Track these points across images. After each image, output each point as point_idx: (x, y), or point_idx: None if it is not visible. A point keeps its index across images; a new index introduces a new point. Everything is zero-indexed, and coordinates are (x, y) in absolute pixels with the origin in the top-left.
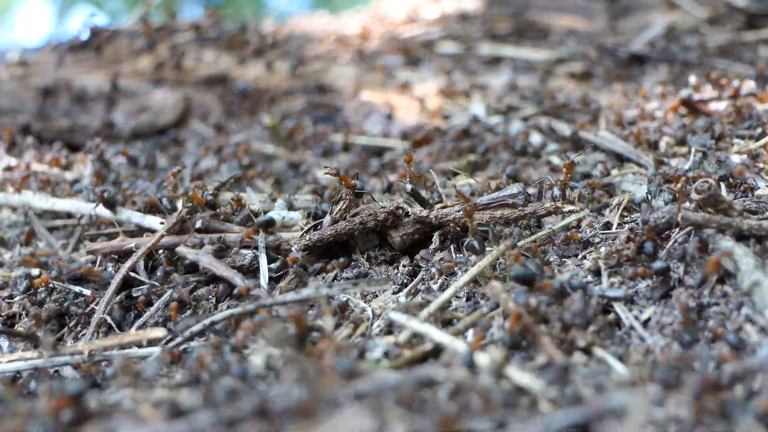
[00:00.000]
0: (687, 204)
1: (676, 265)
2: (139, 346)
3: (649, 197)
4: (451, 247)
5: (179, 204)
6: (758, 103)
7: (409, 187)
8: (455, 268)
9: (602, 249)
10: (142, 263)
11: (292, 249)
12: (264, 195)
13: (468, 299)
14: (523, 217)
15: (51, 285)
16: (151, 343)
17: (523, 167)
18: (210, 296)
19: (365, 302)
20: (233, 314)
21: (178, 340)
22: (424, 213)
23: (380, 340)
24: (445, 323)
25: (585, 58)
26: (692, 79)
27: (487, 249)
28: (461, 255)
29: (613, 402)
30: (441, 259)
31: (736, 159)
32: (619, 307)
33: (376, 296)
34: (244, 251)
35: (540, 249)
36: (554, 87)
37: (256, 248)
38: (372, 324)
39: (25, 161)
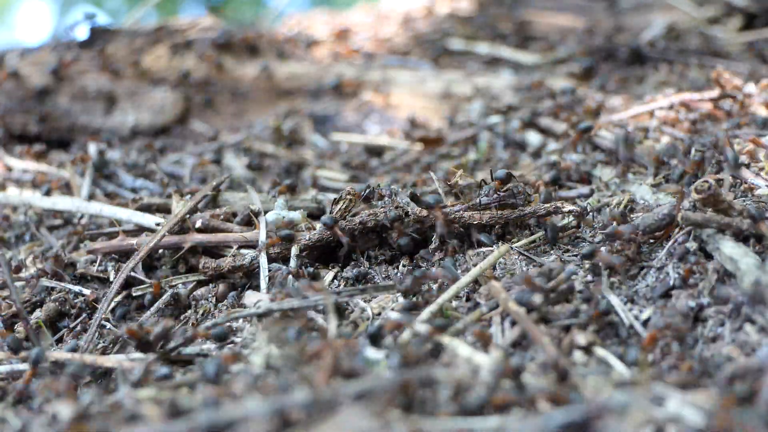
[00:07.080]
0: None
1: (676, 264)
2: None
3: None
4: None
5: (175, 203)
6: (757, 102)
7: (408, 191)
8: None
9: (602, 249)
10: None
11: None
12: (264, 194)
13: (468, 299)
14: (523, 216)
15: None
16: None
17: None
18: (210, 296)
19: (364, 302)
20: (238, 317)
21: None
22: (424, 213)
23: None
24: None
25: (584, 59)
26: (693, 78)
27: (488, 249)
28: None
29: (613, 401)
30: (440, 259)
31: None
32: (619, 307)
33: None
34: (244, 251)
35: (540, 249)
36: (555, 87)
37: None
38: (372, 324)
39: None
